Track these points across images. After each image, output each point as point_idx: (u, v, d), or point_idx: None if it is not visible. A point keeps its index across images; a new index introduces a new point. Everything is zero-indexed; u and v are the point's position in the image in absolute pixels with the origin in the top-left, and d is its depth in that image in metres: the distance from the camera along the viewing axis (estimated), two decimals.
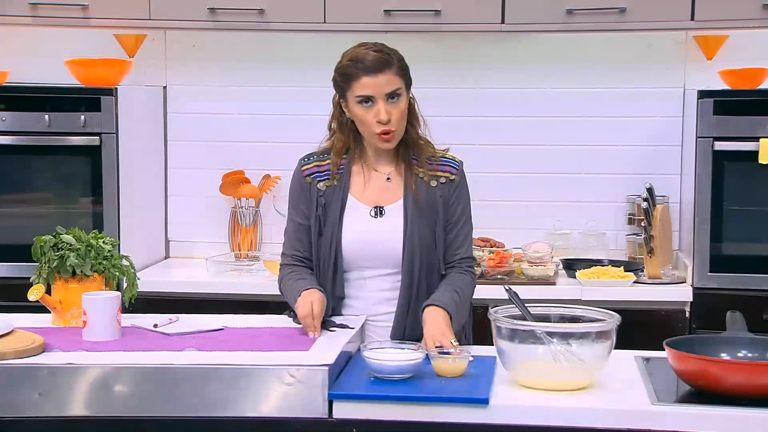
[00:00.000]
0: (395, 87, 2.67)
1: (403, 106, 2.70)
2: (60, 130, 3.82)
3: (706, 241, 3.72)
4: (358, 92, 2.67)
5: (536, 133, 4.19)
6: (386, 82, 2.66)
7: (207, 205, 4.30)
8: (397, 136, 2.72)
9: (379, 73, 2.66)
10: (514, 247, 3.95)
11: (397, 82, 2.68)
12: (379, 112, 2.66)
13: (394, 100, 2.68)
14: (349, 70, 2.68)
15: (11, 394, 2.25)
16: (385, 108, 2.66)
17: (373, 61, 2.66)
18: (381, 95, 2.66)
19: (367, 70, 2.66)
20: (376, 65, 2.66)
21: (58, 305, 2.70)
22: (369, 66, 2.66)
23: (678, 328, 3.64)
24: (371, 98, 2.66)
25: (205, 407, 2.25)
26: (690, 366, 2.26)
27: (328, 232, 2.74)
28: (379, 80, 2.66)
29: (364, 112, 2.68)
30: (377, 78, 2.66)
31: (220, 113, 4.30)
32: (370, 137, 2.73)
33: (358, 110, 2.69)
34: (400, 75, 2.69)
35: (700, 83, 4.00)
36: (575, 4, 3.79)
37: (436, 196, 2.76)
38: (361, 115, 2.69)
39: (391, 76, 2.67)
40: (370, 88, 2.66)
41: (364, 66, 2.66)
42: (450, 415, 2.23)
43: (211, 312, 2.89)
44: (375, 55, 2.67)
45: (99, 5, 3.91)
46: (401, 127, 2.72)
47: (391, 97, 2.67)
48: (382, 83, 2.66)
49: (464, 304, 2.75)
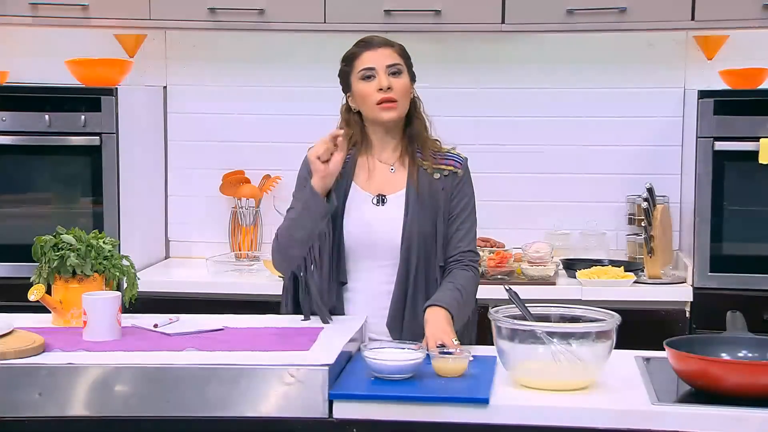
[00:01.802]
0: (396, 62, 2.77)
1: (404, 81, 2.77)
2: (60, 130, 3.82)
3: (707, 241, 3.72)
4: (360, 68, 2.76)
5: (536, 133, 4.19)
6: (387, 56, 2.77)
7: (207, 205, 4.31)
8: (399, 108, 2.76)
9: (380, 47, 2.78)
10: (514, 247, 3.96)
11: (398, 59, 2.78)
12: (380, 80, 2.73)
13: (395, 75, 2.75)
14: (352, 51, 2.81)
15: (11, 394, 2.25)
16: (386, 77, 2.74)
17: (375, 39, 2.81)
18: (382, 67, 2.75)
19: (369, 46, 2.79)
20: (377, 42, 2.80)
21: (58, 305, 2.70)
22: (371, 43, 2.79)
23: (678, 328, 3.64)
24: (372, 70, 2.74)
25: (205, 407, 2.25)
26: (690, 366, 2.25)
27: (332, 218, 2.75)
28: (379, 53, 2.76)
29: (366, 86, 2.76)
30: (378, 51, 2.77)
31: (221, 113, 4.30)
32: (372, 111, 2.76)
33: (361, 87, 2.76)
34: (402, 55, 2.80)
35: (700, 83, 4.00)
36: (575, 4, 3.79)
37: (439, 189, 2.79)
38: (362, 90, 2.76)
39: (392, 52, 2.79)
40: (371, 60, 2.76)
41: (366, 44, 2.80)
42: (450, 415, 2.22)
43: (211, 312, 2.89)
44: (376, 36, 2.84)
45: (99, 5, 3.91)
46: (403, 103, 2.77)
47: (392, 71, 2.75)
48: (382, 56, 2.77)
49: (467, 302, 2.75)
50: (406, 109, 2.79)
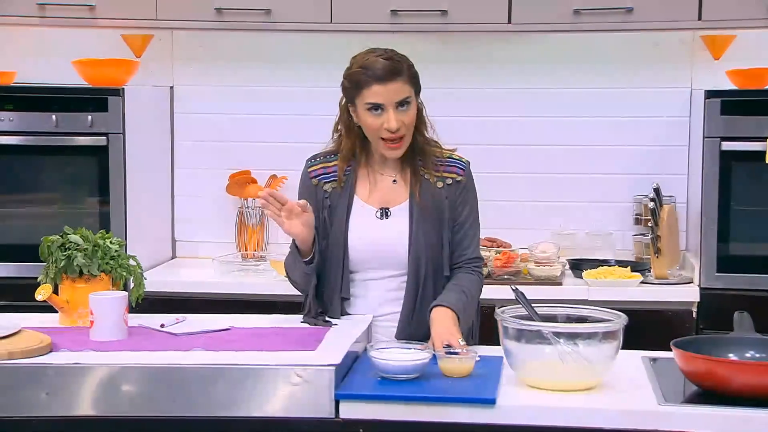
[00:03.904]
0: (405, 95, 2.67)
1: (412, 113, 2.70)
2: (67, 130, 3.83)
3: (713, 242, 3.71)
4: (368, 99, 2.66)
5: (543, 133, 4.19)
6: (396, 91, 2.65)
7: (214, 205, 4.31)
8: (404, 144, 2.72)
9: (389, 81, 2.65)
10: (520, 248, 3.95)
11: (407, 90, 2.67)
12: (389, 121, 2.65)
13: (403, 108, 2.67)
14: (359, 77, 2.67)
15: (19, 394, 2.25)
16: (394, 116, 2.66)
17: (383, 69, 2.65)
18: (391, 103, 2.66)
19: (378, 79, 2.65)
20: (386, 73, 2.65)
21: (65, 305, 2.70)
22: (380, 74, 2.64)
23: (685, 328, 3.63)
24: (381, 106, 2.66)
25: (211, 407, 2.25)
26: (697, 366, 2.25)
27: (335, 233, 2.75)
28: (389, 88, 2.65)
29: (373, 119, 2.68)
30: (387, 86, 2.65)
31: (227, 113, 4.30)
32: (377, 144, 2.73)
33: (367, 117, 2.69)
34: (410, 83, 2.69)
35: (707, 83, 3.99)
36: (582, 4, 3.79)
37: (443, 198, 2.76)
38: (370, 123, 2.69)
39: (401, 85, 2.66)
40: (380, 96, 2.65)
41: (374, 74, 2.65)
42: (457, 415, 2.22)
43: (217, 312, 2.89)
44: (385, 63, 2.66)
45: (106, 5, 3.92)
46: (410, 135, 2.73)
47: (401, 105, 2.67)
48: (392, 91, 2.65)
49: (471, 304, 2.75)
50: (410, 139, 2.73)
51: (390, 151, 2.72)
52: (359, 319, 2.74)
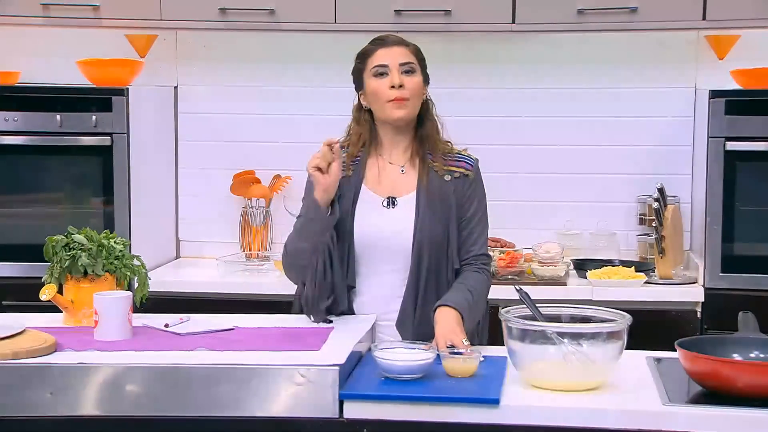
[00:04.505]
0: (409, 60, 2.78)
1: (417, 80, 2.77)
2: (71, 131, 3.84)
3: (718, 242, 3.71)
4: (374, 64, 2.77)
5: (547, 133, 4.19)
6: (401, 54, 2.78)
7: (218, 205, 4.31)
8: (410, 106, 2.76)
9: (394, 45, 2.79)
10: (524, 247, 3.95)
11: (412, 58, 2.79)
12: (393, 78, 2.74)
13: (408, 73, 2.76)
14: (366, 49, 2.83)
15: (23, 394, 2.26)
16: (398, 75, 2.74)
17: (390, 37, 2.82)
18: (395, 65, 2.75)
19: (384, 44, 2.79)
20: (392, 40, 2.81)
21: (69, 305, 2.70)
22: (386, 41, 2.80)
23: (689, 328, 3.63)
24: (385, 68, 2.75)
25: (215, 407, 2.25)
26: (701, 367, 2.25)
27: (342, 220, 2.75)
28: (393, 51, 2.77)
29: (378, 83, 2.76)
30: (392, 49, 2.78)
31: (231, 113, 4.30)
32: (383, 109, 2.76)
33: (373, 83, 2.76)
34: (416, 55, 2.80)
35: (711, 83, 3.98)
36: (586, 4, 3.79)
37: (450, 191, 2.77)
38: (375, 87, 2.76)
39: (406, 51, 2.80)
40: (384, 57, 2.77)
41: (381, 41, 2.81)
42: (461, 415, 2.22)
43: (221, 312, 2.89)
44: (393, 35, 2.84)
45: (110, 5, 3.92)
46: (415, 102, 2.77)
47: (405, 70, 2.76)
48: (396, 54, 2.77)
49: (478, 304, 2.75)
50: (418, 108, 2.79)
51: (396, 110, 2.75)
52: (363, 318, 2.74)
